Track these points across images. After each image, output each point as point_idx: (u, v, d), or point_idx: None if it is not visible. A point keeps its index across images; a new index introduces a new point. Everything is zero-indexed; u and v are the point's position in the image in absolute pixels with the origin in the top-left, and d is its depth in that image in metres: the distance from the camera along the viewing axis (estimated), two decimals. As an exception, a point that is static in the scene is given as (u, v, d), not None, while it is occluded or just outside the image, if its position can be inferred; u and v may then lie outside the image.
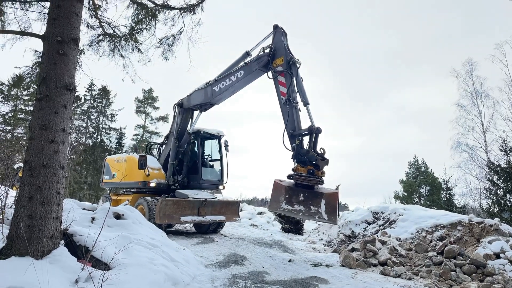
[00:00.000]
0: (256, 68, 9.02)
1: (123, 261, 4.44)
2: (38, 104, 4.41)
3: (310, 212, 7.31)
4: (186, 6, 7.29)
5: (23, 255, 3.96)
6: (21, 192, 4.23)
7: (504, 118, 20.66)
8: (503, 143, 16.35)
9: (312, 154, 7.43)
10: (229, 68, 10.10)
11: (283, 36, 8.73)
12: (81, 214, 5.88)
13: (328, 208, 7.41)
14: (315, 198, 7.45)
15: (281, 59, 8.43)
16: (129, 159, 11.46)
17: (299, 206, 7.32)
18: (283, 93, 8.29)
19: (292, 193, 7.47)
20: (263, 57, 8.95)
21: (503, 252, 6.94)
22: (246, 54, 9.74)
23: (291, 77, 8.22)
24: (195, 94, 10.95)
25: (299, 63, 8.43)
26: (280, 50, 8.53)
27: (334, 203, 7.48)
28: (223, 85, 9.90)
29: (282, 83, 8.34)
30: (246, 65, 9.36)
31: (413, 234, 8.79)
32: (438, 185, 25.61)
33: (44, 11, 6.59)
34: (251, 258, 7.63)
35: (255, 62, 9.12)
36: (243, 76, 9.39)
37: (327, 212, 7.36)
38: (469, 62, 23.09)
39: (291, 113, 8.00)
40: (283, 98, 8.23)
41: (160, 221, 9.14)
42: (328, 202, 7.46)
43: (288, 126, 7.95)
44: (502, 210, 14.41)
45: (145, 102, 45.07)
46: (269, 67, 8.69)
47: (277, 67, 8.51)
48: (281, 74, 8.39)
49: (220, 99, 10.45)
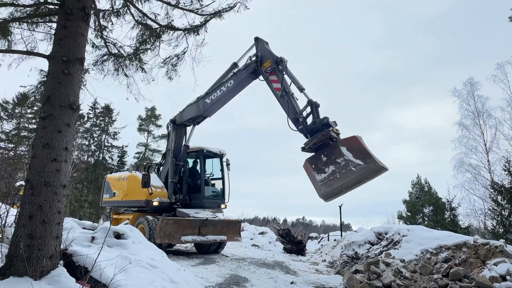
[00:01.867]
0: (245, 76, 9.63)
1: (122, 282, 4.36)
2: (42, 122, 4.44)
3: (342, 166, 6.99)
4: (190, 27, 7.42)
5: (22, 275, 3.90)
6: (22, 210, 4.20)
7: (507, 138, 20.67)
8: (507, 163, 16.26)
9: (320, 119, 7.79)
10: (218, 80, 10.48)
11: (265, 44, 9.48)
12: (81, 234, 5.81)
13: (355, 153, 7.04)
14: (334, 149, 7.32)
15: (268, 62, 9.07)
16: (131, 177, 11.41)
17: (328, 167, 7.12)
18: (277, 88, 8.76)
19: (316, 160, 7.46)
20: (250, 64, 9.51)
21: (509, 275, 6.80)
22: (233, 65, 10.22)
23: (282, 72, 8.80)
24: (187, 109, 11.18)
25: (285, 61, 8.99)
26: (266, 55, 9.21)
27: (360, 146, 7.13)
28: (214, 96, 10.29)
29: (274, 80, 8.87)
30: (235, 74, 9.88)
31: (417, 256, 8.65)
32: (442, 205, 25.32)
33: (50, 32, 6.72)
34: (253, 279, 7.49)
35: (243, 70, 9.67)
36: (233, 85, 9.89)
37: (357, 157, 6.97)
38: (471, 82, 23.24)
39: (290, 101, 8.45)
40: (278, 92, 8.68)
41: (160, 240, 9.03)
42: (351, 148, 7.15)
43: (289, 113, 8.36)
44: (507, 231, 14.20)
45: (148, 120, 45.32)
46: (259, 72, 9.33)
47: (267, 69, 9.05)
48: (271, 73, 8.92)
49: (212, 110, 10.78)
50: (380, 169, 6.88)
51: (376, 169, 6.88)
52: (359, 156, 7.00)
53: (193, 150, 11.51)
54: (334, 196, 7.12)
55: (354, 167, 6.87)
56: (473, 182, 21.27)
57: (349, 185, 6.91)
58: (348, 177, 6.88)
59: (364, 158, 6.94)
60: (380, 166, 6.86)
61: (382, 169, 6.90)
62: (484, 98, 22.60)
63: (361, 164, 6.85)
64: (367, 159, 6.92)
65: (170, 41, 7.69)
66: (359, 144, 7.18)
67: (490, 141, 21.60)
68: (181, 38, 7.61)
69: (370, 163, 6.84)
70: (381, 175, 6.97)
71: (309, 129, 7.89)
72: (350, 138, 7.36)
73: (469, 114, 22.87)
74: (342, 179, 6.96)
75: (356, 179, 6.88)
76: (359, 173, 6.85)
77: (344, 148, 7.19)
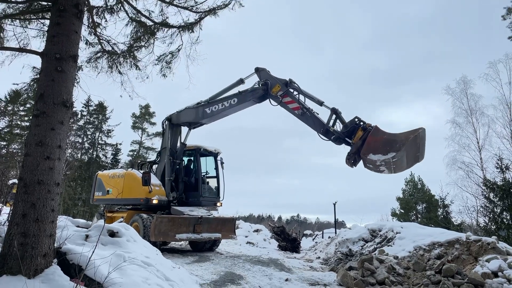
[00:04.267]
0: (251, 99, 9.64)
1: (117, 280, 4.35)
2: (35, 120, 4.40)
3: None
4: (185, 25, 7.39)
5: (15, 274, 3.88)
6: (15, 209, 4.17)
7: (499, 136, 20.84)
8: (499, 161, 16.43)
9: (350, 120, 7.93)
10: (222, 92, 10.46)
11: (267, 71, 9.53)
12: (75, 232, 5.78)
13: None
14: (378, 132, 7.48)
15: (277, 87, 9.07)
16: (128, 175, 11.32)
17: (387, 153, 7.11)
18: (295, 107, 8.79)
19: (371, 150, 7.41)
20: (257, 90, 9.48)
21: (501, 271, 6.89)
22: (240, 81, 10.17)
23: (295, 92, 8.87)
24: (185, 111, 11.13)
25: (294, 81, 9.10)
26: (273, 81, 9.22)
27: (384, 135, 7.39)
28: (215, 108, 10.32)
29: (290, 102, 8.90)
30: (240, 93, 9.82)
31: (410, 252, 8.73)
32: (435, 203, 25.54)
33: (43, 28, 6.66)
34: (248, 277, 7.51)
35: (250, 93, 9.65)
36: (236, 103, 9.91)
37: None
38: (464, 80, 23.40)
39: (313, 116, 8.54)
40: (298, 111, 8.71)
41: (155, 238, 9.01)
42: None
43: (317, 127, 8.42)
44: (499, 228, 14.35)
45: (142, 118, 45.06)
46: (269, 97, 9.29)
47: (278, 93, 9.05)
48: (285, 96, 8.92)
49: (210, 120, 10.85)
50: (416, 132, 7.00)
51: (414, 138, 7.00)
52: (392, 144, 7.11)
53: (189, 149, 11.50)
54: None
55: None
56: (466, 180, 21.47)
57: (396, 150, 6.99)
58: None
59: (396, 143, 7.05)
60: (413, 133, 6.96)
61: (417, 132, 7.03)
62: (477, 96, 22.80)
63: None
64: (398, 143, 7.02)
65: (165, 39, 7.65)
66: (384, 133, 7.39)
67: (483, 139, 21.82)
68: (176, 35, 7.58)
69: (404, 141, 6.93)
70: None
71: (345, 133, 7.94)
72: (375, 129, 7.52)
73: (462, 112, 23.06)
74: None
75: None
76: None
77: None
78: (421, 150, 7.27)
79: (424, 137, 7.19)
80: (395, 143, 7.02)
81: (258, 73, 9.67)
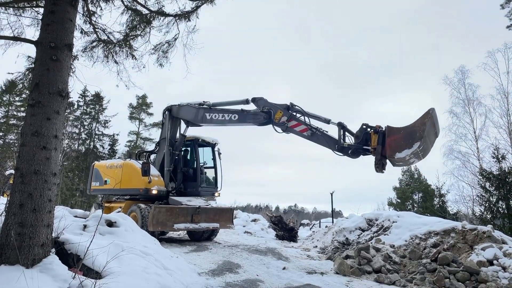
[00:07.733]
0: (251, 122, 9.46)
1: (115, 269, 4.38)
2: (31, 110, 4.37)
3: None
4: (181, 13, 7.30)
5: (13, 263, 3.89)
6: (12, 199, 4.17)
7: (496, 126, 20.85)
8: (495, 150, 16.49)
9: (359, 129, 7.82)
10: (226, 103, 10.36)
11: (264, 100, 9.30)
12: (73, 222, 5.80)
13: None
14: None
15: (279, 113, 8.84)
16: (126, 165, 11.27)
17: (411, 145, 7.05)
18: (303, 130, 8.58)
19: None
20: (259, 116, 9.19)
21: (496, 259, 6.97)
22: (245, 101, 9.90)
23: (298, 115, 8.72)
24: (186, 108, 11.03)
25: (295, 105, 8.92)
26: (273, 108, 9.00)
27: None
28: (215, 116, 10.22)
29: (296, 125, 8.69)
30: (242, 112, 9.65)
31: (407, 241, 8.80)
32: (431, 192, 25.73)
33: (37, 17, 6.55)
34: (245, 265, 7.57)
35: (251, 116, 9.40)
36: (236, 120, 9.78)
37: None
38: (462, 70, 23.30)
39: (323, 134, 8.36)
40: (306, 133, 8.51)
41: (153, 228, 9.04)
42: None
43: (331, 145, 8.23)
44: (495, 217, 14.48)
45: (139, 108, 44.87)
46: (273, 125, 9.02)
47: (281, 119, 8.83)
48: (289, 120, 8.74)
49: (207, 125, 10.76)
50: (428, 115, 6.94)
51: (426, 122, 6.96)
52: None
53: (187, 139, 11.48)
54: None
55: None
56: (462, 169, 21.56)
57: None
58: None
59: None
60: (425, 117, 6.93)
61: (429, 114, 6.96)
62: (475, 86, 22.71)
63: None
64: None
65: (161, 27, 7.56)
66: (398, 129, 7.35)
67: (480, 128, 21.79)
68: (172, 24, 7.49)
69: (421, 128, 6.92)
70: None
71: (359, 143, 7.81)
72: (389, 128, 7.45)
73: (459, 102, 23.01)
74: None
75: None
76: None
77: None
78: (437, 127, 7.34)
79: (436, 115, 7.18)
80: (414, 133, 7.00)
81: (255, 103, 9.49)
